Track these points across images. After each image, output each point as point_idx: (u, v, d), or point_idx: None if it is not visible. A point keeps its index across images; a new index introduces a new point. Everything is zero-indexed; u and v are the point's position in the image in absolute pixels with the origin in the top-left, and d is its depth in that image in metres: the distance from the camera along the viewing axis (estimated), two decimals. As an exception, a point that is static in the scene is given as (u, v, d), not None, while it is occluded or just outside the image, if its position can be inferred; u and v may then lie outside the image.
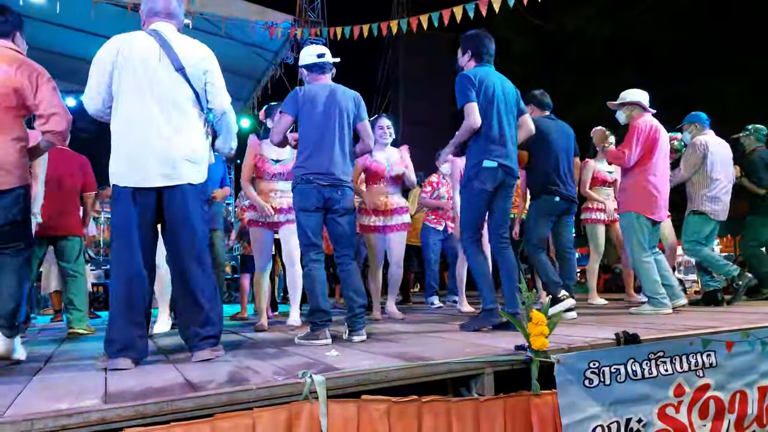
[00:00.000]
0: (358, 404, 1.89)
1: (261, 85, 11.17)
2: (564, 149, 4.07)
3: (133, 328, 2.39)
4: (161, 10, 2.67)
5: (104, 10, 7.87)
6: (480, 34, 3.51)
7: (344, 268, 3.21)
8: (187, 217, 2.54)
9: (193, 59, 2.60)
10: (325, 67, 3.32)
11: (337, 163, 3.16)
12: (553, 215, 4.04)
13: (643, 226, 4.10)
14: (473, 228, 3.38)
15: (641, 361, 2.40)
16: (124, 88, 2.48)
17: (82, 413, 1.56)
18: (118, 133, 2.49)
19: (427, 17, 7.56)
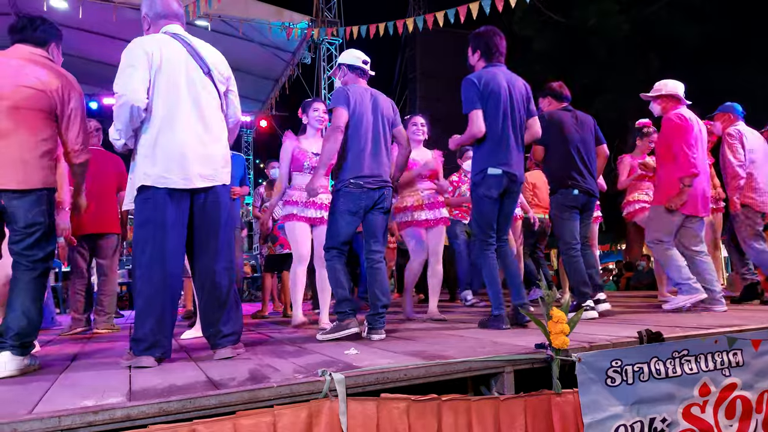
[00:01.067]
0: (378, 402, 1.90)
1: (279, 86, 11.27)
2: (581, 141, 3.93)
3: (158, 327, 2.41)
4: (166, 12, 2.68)
5: (125, 14, 8.02)
6: (489, 31, 3.46)
7: (374, 264, 3.25)
8: (219, 218, 2.58)
9: (216, 64, 2.66)
10: (366, 73, 3.45)
11: (384, 166, 3.29)
12: (576, 209, 3.89)
13: (673, 218, 4.00)
14: (484, 232, 3.36)
15: (665, 359, 2.36)
16: (158, 89, 2.47)
17: (107, 410, 1.59)
18: (154, 134, 2.47)
19: (443, 14, 7.54)
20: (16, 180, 2.41)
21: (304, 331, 3.76)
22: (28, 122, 2.48)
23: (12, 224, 2.45)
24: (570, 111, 4.03)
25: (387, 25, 8.21)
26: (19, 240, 2.45)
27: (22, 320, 2.38)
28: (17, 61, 2.53)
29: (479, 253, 3.41)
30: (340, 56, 3.51)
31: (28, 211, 2.44)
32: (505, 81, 3.36)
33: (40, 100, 2.51)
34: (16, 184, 2.41)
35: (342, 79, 3.45)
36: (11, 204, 2.41)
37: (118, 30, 8.59)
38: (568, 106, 4.07)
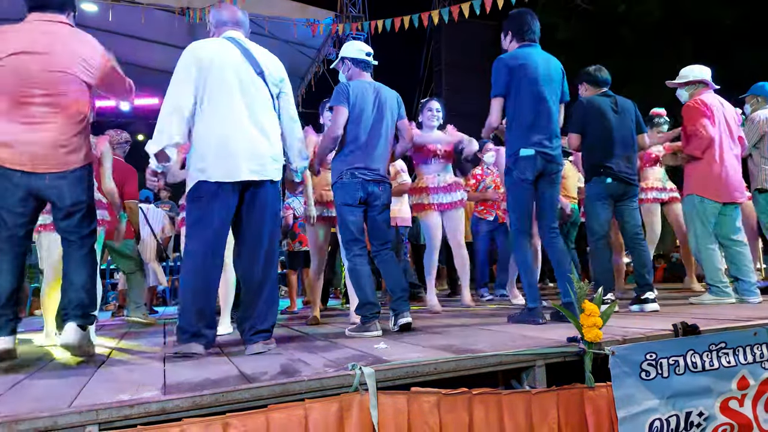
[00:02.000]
0: (408, 396, 1.90)
1: (305, 83, 11.31)
2: (620, 127, 3.76)
3: (202, 320, 2.50)
4: (228, 19, 2.81)
5: (153, 15, 8.15)
6: (522, 12, 3.36)
7: (382, 258, 3.26)
8: (266, 213, 2.65)
9: (270, 66, 2.74)
10: (370, 65, 3.42)
11: (381, 160, 3.25)
12: (609, 198, 3.75)
13: (706, 209, 3.88)
14: (520, 220, 3.24)
15: (701, 352, 2.31)
16: (211, 90, 2.56)
17: (143, 404, 1.63)
18: (206, 130, 2.56)
19: (469, 5, 7.44)
20: (60, 163, 2.48)
21: (333, 326, 3.78)
22: (68, 105, 2.52)
23: (57, 203, 2.52)
24: (609, 96, 3.86)
25: (412, 18, 8.15)
26: (65, 217, 2.54)
27: (81, 293, 2.52)
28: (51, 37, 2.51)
29: (514, 242, 3.29)
30: (342, 50, 3.46)
31: (73, 190, 2.53)
32: (541, 59, 3.24)
33: (78, 77, 2.55)
34: (60, 166, 2.49)
35: (347, 74, 3.41)
36: (56, 184, 2.49)
37: (147, 31, 8.72)
38: (607, 91, 3.90)
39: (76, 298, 2.50)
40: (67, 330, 2.45)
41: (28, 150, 2.42)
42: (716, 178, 3.89)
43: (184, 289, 2.53)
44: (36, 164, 2.43)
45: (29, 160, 2.42)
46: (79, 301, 2.50)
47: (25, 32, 2.52)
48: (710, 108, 3.91)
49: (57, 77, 2.49)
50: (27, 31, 2.52)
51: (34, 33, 2.52)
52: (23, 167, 2.42)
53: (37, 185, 2.46)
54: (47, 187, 2.48)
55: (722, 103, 4.03)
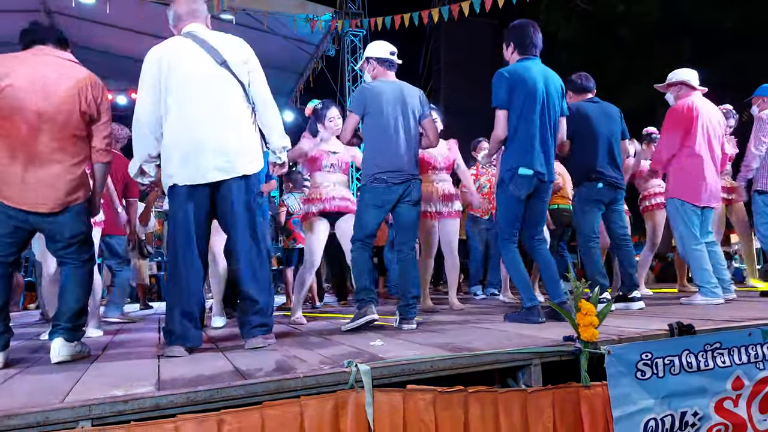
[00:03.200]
0: (404, 394, 1.89)
1: (303, 79, 11.30)
2: (607, 133, 3.82)
3: (187, 319, 2.49)
4: (184, 13, 2.73)
5: (151, 9, 8.11)
6: (524, 24, 3.34)
7: (403, 257, 3.26)
8: (241, 207, 2.60)
9: (233, 52, 2.65)
10: (395, 64, 3.41)
11: (408, 159, 3.26)
12: (599, 203, 3.81)
13: (688, 212, 3.92)
14: (507, 230, 3.28)
15: (697, 352, 2.30)
16: (172, 93, 2.53)
17: (137, 399, 1.62)
18: (171, 134, 2.54)
19: (469, 3, 7.43)
20: (61, 203, 2.45)
21: (329, 322, 3.78)
22: (71, 142, 2.49)
23: (56, 236, 2.49)
24: (596, 102, 3.91)
25: (411, 15, 8.13)
26: (64, 247, 2.52)
27: (74, 305, 2.51)
28: (53, 70, 2.48)
29: (503, 248, 3.33)
30: (366, 49, 3.47)
31: (73, 224, 2.52)
32: (540, 75, 3.22)
33: (79, 113, 2.51)
34: (62, 205, 2.46)
35: (372, 73, 3.42)
36: (56, 220, 2.46)
37: (145, 25, 8.68)
38: (593, 98, 3.94)
39: (68, 309, 2.49)
40: (55, 346, 2.42)
41: (31, 190, 2.38)
42: (696, 183, 3.92)
43: (166, 292, 2.55)
44: (37, 204, 2.40)
45: (31, 200, 2.39)
46: (71, 312, 2.49)
47: (28, 64, 2.47)
48: (694, 111, 3.92)
49: (60, 113, 2.45)
50: (29, 63, 2.47)
51: (36, 65, 2.47)
52: (23, 207, 2.38)
53: (36, 221, 2.44)
54: (46, 223, 2.46)
55: (708, 107, 4.04)
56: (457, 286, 4.58)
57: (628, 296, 3.72)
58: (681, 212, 3.94)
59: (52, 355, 2.42)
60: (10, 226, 2.40)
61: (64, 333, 2.46)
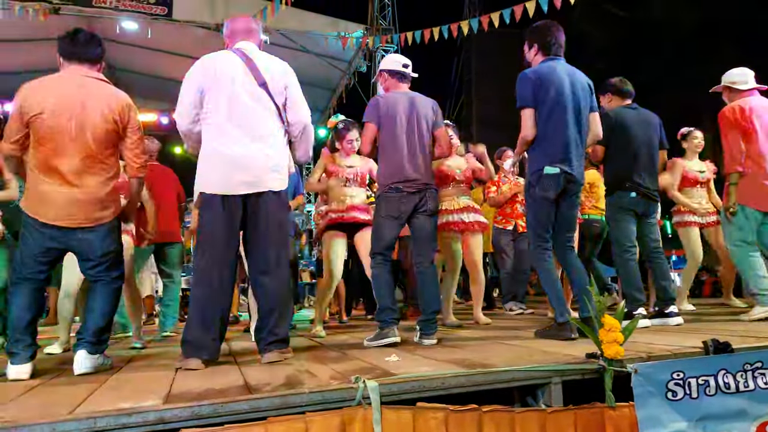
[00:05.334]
0: (414, 411, 1.83)
1: (336, 95, 11.42)
2: (645, 142, 3.66)
3: (207, 331, 2.50)
4: (241, 29, 2.84)
5: (190, 32, 8.38)
6: (546, 24, 3.27)
7: (422, 269, 3.22)
8: (269, 223, 2.64)
9: (275, 75, 2.74)
10: (407, 76, 3.41)
11: (423, 169, 3.24)
12: (633, 212, 3.64)
13: (748, 218, 3.69)
14: (540, 236, 3.17)
15: (735, 372, 2.15)
16: (212, 104, 2.63)
17: (141, 413, 1.62)
18: (207, 143, 2.65)
19: (498, 15, 7.37)
20: (92, 219, 2.54)
21: (352, 336, 3.74)
22: (101, 160, 2.58)
23: (88, 254, 2.56)
24: (635, 109, 3.75)
25: (441, 29, 8.12)
26: (95, 266, 2.59)
27: (100, 320, 2.57)
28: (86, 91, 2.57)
29: (534, 258, 3.23)
30: (381, 63, 3.50)
31: (103, 241, 2.58)
32: (565, 74, 3.14)
33: (111, 131, 2.61)
34: (92, 222, 2.54)
35: (384, 85, 3.43)
36: (87, 237, 2.54)
37: (184, 47, 8.98)
38: (632, 104, 3.80)
39: (93, 324, 2.55)
40: (78, 359, 2.48)
41: (65, 207, 2.47)
42: (758, 186, 3.69)
43: (191, 300, 2.58)
44: (71, 221, 2.49)
45: (66, 216, 2.48)
46: (96, 327, 2.54)
47: (62, 86, 2.57)
48: (748, 112, 3.72)
49: (93, 133, 2.54)
50: (63, 85, 2.58)
51: (69, 87, 2.57)
52: (56, 222, 2.47)
53: (68, 239, 2.52)
54: (78, 241, 2.53)
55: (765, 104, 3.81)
56: (482, 300, 4.49)
57: (665, 311, 3.51)
58: (739, 217, 3.72)
59: (75, 367, 2.47)
60: (42, 246, 2.49)
61: (88, 346, 2.51)
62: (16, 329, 2.43)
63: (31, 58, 8.75)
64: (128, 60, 10.47)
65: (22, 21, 7.66)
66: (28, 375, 2.39)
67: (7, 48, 9.03)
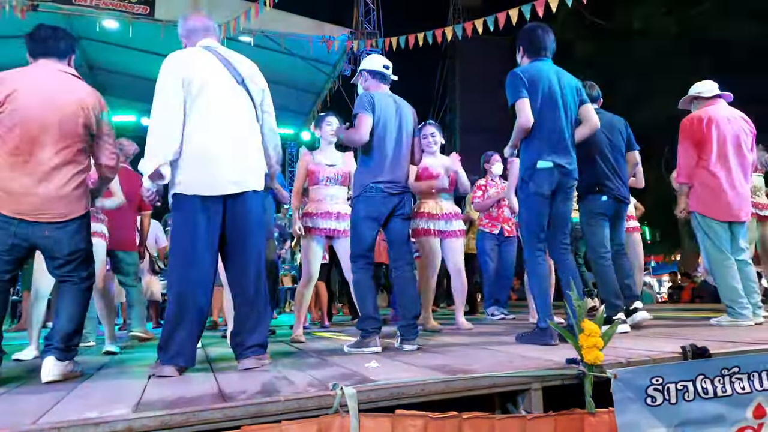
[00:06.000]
0: (393, 419, 1.79)
1: (320, 99, 11.38)
2: (609, 144, 3.71)
3: (183, 337, 2.43)
4: (201, 27, 2.75)
5: (173, 32, 8.28)
6: (533, 27, 3.28)
7: (401, 274, 3.18)
8: (251, 223, 2.58)
9: (251, 73, 2.70)
10: (387, 78, 3.40)
11: (404, 172, 3.24)
12: (604, 216, 3.67)
13: (711, 227, 3.75)
14: (534, 235, 3.12)
15: (713, 377, 2.15)
16: (193, 102, 2.51)
17: (108, 422, 1.55)
18: (189, 143, 2.50)
19: (482, 22, 7.40)
20: (61, 213, 2.46)
21: (333, 342, 3.69)
22: (71, 154, 2.51)
23: (55, 253, 2.48)
24: (599, 113, 3.71)
25: (426, 34, 8.14)
26: (63, 264, 2.50)
27: (69, 325, 2.48)
28: (56, 83, 2.52)
29: (527, 259, 3.17)
30: (361, 63, 3.48)
31: (72, 239, 2.50)
32: (553, 73, 3.16)
33: (81, 126, 2.54)
34: (61, 217, 2.46)
35: (363, 85, 3.41)
36: (54, 234, 2.45)
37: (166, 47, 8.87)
38: (597, 109, 3.80)
39: (61, 329, 2.46)
40: (46, 365, 2.39)
41: (31, 199, 2.39)
42: (717, 197, 3.75)
43: (168, 305, 2.48)
44: (38, 214, 2.41)
45: (32, 209, 2.39)
46: (64, 332, 2.45)
47: (31, 78, 2.51)
48: (705, 122, 3.77)
49: (63, 125, 2.47)
50: (33, 77, 2.52)
51: (40, 79, 2.51)
52: (24, 216, 2.39)
53: (35, 236, 2.43)
54: (45, 238, 2.44)
55: (730, 114, 3.87)
56: (463, 305, 4.48)
57: (630, 308, 3.59)
58: (704, 227, 3.78)
59: (42, 375, 2.38)
60: (7, 243, 2.39)
61: (56, 352, 2.42)
62: None
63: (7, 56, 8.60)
64: (108, 59, 10.31)
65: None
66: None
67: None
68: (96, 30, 8.50)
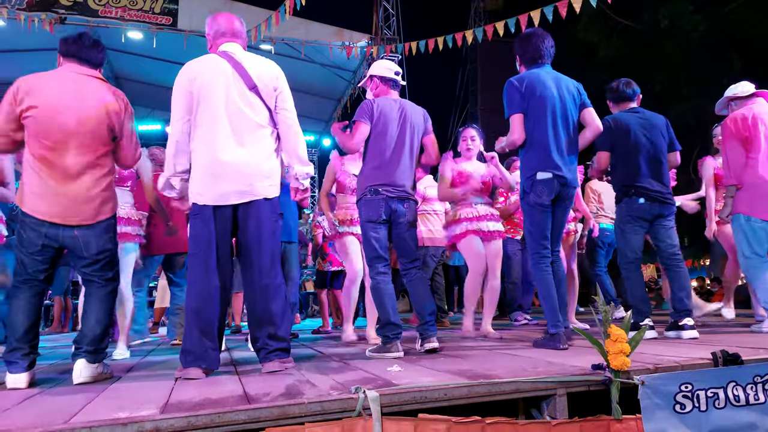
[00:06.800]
0: (415, 423, 1.79)
1: (341, 105, 11.45)
2: (650, 144, 3.57)
3: (205, 340, 2.47)
4: (226, 30, 2.76)
5: (195, 41, 8.43)
6: (529, 35, 3.27)
7: (411, 278, 3.19)
8: (261, 232, 2.60)
9: (264, 77, 2.68)
10: (398, 84, 3.40)
11: (405, 176, 3.20)
12: (642, 220, 3.55)
13: (755, 230, 3.63)
14: (537, 243, 3.16)
15: (745, 385, 2.11)
16: (201, 112, 2.56)
17: (137, 422, 1.58)
18: (197, 153, 2.58)
19: (503, 24, 7.37)
20: (89, 216, 2.53)
21: (355, 346, 3.70)
22: (97, 158, 2.58)
23: (83, 253, 2.55)
24: (637, 112, 3.68)
25: (446, 38, 8.13)
26: (90, 264, 2.57)
27: (97, 328, 2.55)
28: (82, 88, 2.58)
29: (533, 267, 3.20)
30: (370, 68, 3.47)
31: (99, 239, 2.57)
32: (551, 80, 3.15)
33: (106, 130, 2.60)
34: (90, 219, 2.54)
35: (374, 91, 3.40)
36: (83, 235, 2.53)
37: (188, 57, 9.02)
38: (635, 108, 3.71)
39: (90, 332, 2.53)
40: (77, 367, 2.46)
41: (60, 201, 2.47)
42: (762, 195, 3.64)
43: (186, 310, 2.53)
44: (67, 217, 2.48)
45: (61, 212, 2.47)
46: (93, 335, 2.53)
47: (59, 81, 2.57)
48: (751, 120, 3.68)
49: (88, 130, 2.54)
50: (60, 80, 2.57)
51: (66, 82, 2.57)
52: (53, 219, 2.46)
53: (64, 237, 2.50)
54: (74, 239, 2.51)
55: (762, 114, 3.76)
56: (493, 311, 4.35)
57: (679, 324, 3.36)
58: (746, 229, 3.66)
59: (74, 376, 2.45)
60: (38, 245, 2.46)
61: (86, 355, 2.48)
62: (14, 336, 2.40)
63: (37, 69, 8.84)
64: (133, 70, 10.54)
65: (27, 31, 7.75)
66: (25, 384, 2.36)
67: (14, 58, 9.11)
68: (121, 41, 8.70)
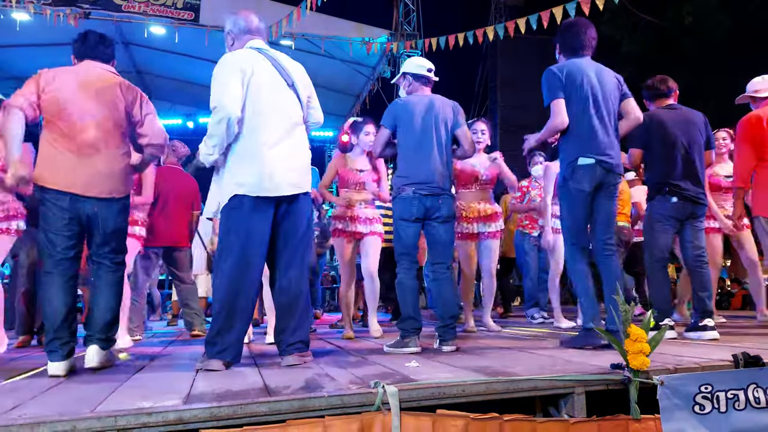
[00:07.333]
0: (434, 418, 1.80)
1: (360, 100, 11.45)
2: (686, 142, 3.47)
3: (232, 333, 2.50)
4: (253, 27, 2.81)
5: (217, 37, 8.50)
6: (571, 24, 3.21)
7: (438, 276, 3.18)
8: (299, 226, 2.66)
9: (298, 76, 2.76)
10: (431, 81, 3.40)
11: (437, 172, 3.18)
12: (673, 219, 3.46)
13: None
14: (575, 234, 3.05)
15: (765, 387, 2.08)
16: (249, 101, 2.57)
17: (161, 412, 1.62)
18: (244, 145, 2.57)
19: (525, 21, 7.30)
20: (108, 190, 2.63)
21: (373, 342, 3.72)
22: (114, 137, 2.70)
23: (99, 230, 2.63)
24: (675, 109, 3.59)
25: (466, 35, 8.07)
26: (104, 243, 2.66)
27: (107, 315, 2.63)
28: (100, 78, 2.73)
29: (569, 258, 3.10)
30: (404, 65, 3.48)
31: (116, 217, 2.67)
32: (591, 69, 3.08)
33: (122, 111, 2.72)
34: (108, 193, 2.63)
35: (407, 89, 3.41)
36: (102, 211, 2.61)
37: (210, 52, 9.12)
38: (672, 104, 3.63)
39: (101, 319, 2.61)
40: (90, 353, 2.55)
41: (81, 174, 2.56)
42: None
43: (215, 301, 2.54)
44: (87, 188, 2.56)
45: (82, 184, 2.55)
46: (105, 321, 2.61)
47: (78, 71, 2.74)
48: (765, 122, 3.60)
49: (108, 110, 2.67)
50: (80, 70, 2.74)
51: (86, 71, 2.74)
52: (74, 189, 2.54)
53: (85, 209, 2.57)
54: (94, 213, 2.59)
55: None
56: (491, 306, 4.49)
57: (700, 324, 3.31)
58: (763, 230, 3.60)
59: (86, 361, 2.55)
60: (64, 218, 2.54)
61: (99, 342, 2.59)
62: (51, 326, 2.46)
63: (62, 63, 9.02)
64: (156, 64, 10.67)
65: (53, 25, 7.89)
66: (64, 372, 2.42)
67: (40, 52, 9.28)
68: (144, 36, 8.82)
